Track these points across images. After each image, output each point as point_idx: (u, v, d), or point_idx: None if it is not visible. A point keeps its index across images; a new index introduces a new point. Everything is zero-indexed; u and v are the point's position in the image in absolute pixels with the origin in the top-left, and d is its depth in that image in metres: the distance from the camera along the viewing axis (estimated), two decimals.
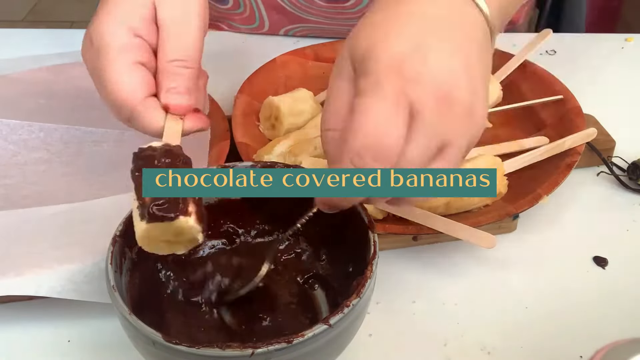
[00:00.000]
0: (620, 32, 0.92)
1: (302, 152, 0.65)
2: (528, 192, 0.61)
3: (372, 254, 0.47)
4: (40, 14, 2.57)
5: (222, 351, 0.41)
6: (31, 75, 0.79)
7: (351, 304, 0.44)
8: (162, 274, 0.54)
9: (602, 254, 0.61)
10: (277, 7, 0.88)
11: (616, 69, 0.84)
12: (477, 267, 0.60)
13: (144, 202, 0.45)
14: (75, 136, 0.70)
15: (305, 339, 0.42)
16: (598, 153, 0.68)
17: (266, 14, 0.90)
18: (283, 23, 0.90)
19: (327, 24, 0.89)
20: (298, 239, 0.57)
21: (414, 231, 0.59)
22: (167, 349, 0.42)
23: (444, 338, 0.54)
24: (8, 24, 2.39)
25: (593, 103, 0.72)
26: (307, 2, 0.86)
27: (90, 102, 0.76)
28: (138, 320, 0.43)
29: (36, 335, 0.55)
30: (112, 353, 0.53)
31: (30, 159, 0.68)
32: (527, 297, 0.57)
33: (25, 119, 0.71)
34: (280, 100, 0.70)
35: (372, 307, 0.56)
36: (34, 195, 0.64)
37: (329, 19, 0.88)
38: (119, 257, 0.48)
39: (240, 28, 0.93)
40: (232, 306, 0.53)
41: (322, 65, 0.80)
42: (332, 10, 0.87)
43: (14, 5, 2.60)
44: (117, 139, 0.71)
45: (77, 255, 0.54)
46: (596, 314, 0.56)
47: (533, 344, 0.53)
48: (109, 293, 0.45)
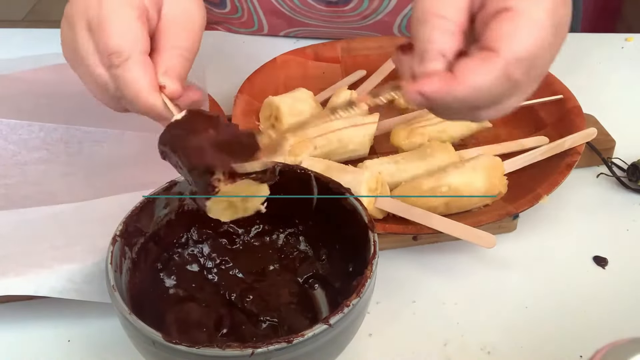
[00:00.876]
0: (621, 32, 0.92)
1: (302, 151, 0.65)
2: (528, 192, 0.61)
3: (372, 253, 0.47)
4: (40, 13, 2.57)
5: (222, 351, 0.41)
6: (31, 75, 0.79)
7: (351, 303, 0.44)
8: (162, 274, 0.54)
9: (602, 253, 0.61)
10: (276, 11, 0.88)
11: (616, 68, 0.84)
12: (477, 267, 0.60)
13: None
14: (75, 136, 0.70)
15: (305, 338, 0.42)
16: (598, 153, 0.68)
17: (265, 18, 0.90)
18: (282, 27, 0.90)
19: (326, 27, 0.89)
20: (298, 238, 0.57)
21: (414, 231, 0.59)
22: (167, 348, 0.42)
23: (444, 338, 0.54)
24: (8, 24, 2.39)
25: (593, 103, 0.72)
26: (306, 6, 0.86)
27: (90, 102, 0.76)
28: (138, 320, 0.43)
29: (36, 335, 0.55)
30: (112, 353, 0.53)
31: (30, 158, 0.68)
32: (527, 297, 0.57)
33: (25, 118, 0.71)
34: (281, 100, 0.70)
35: (372, 306, 0.56)
36: (34, 195, 0.64)
37: (328, 22, 0.88)
38: (119, 257, 0.48)
39: (239, 31, 0.93)
40: (232, 306, 0.54)
41: (322, 65, 0.80)
42: (332, 14, 0.87)
43: (14, 5, 2.60)
44: (117, 139, 0.71)
45: (77, 255, 0.54)
46: (596, 314, 0.56)
47: (533, 344, 0.54)
48: (109, 293, 0.45)
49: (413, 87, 0.42)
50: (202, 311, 0.53)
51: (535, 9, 0.42)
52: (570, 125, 0.68)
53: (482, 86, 0.42)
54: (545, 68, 0.45)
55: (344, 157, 0.67)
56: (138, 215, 0.51)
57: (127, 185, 0.61)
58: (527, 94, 0.46)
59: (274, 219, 0.56)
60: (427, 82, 0.42)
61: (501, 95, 0.44)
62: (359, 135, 0.67)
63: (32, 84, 0.78)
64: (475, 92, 0.42)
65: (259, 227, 0.57)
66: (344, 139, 0.67)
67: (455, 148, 0.66)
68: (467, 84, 0.41)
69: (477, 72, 0.42)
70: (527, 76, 0.43)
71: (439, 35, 0.43)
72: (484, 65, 0.42)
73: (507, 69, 0.42)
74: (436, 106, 0.43)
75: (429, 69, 0.43)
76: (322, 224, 0.54)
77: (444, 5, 0.43)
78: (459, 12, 0.43)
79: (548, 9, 0.43)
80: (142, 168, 0.65)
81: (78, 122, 0.72)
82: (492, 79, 0.42)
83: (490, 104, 0.44)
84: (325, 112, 0.65)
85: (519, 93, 0.45)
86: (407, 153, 0.65)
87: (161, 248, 0.54)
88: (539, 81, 0.46)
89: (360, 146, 0.68)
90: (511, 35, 0.42)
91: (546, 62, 0.45)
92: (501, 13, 0.42)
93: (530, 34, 0.42)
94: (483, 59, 0.42)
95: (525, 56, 0.42)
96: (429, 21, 0.43)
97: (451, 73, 0.42)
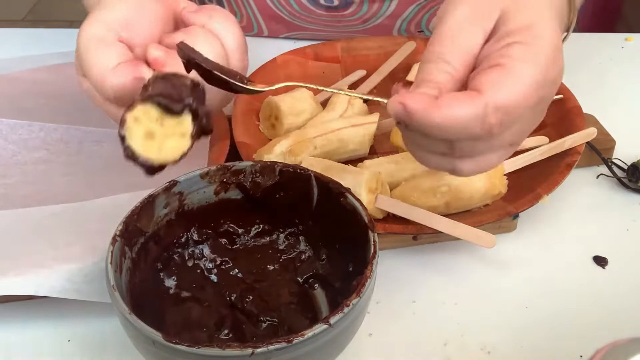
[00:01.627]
0: (621, 31, 0.92)
1: (302, 151, 0.65)
2: (528, 192, 0.61)
3: (372, 253, 0.47)
4: (40, 13, 2.57)
5: (222, 351, 0.41)
6: (31, 74, 0.79)
7: (351, 303, 0.44)
8: (162, 274, 0.54)
9: (602, 253, 0.61)
10: (276, 17, 0.88)
11: (616, 68, 0.84)
12: (477, 266, 0.60)
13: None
14: (75, 136, 0.70)
15: (305, 338, 0.42)
16: (598, 153, 0.68)
17: (264, 23, 0.90)
18: (281, 31, 0.90)
19: (326, 32, 0.89)
20: (298, 238, 0.57)
21: (414, 231, 0.59)
22: (166, 348, 0.42)
23: (444, 337, 0.54)
24: (8, 24, 2.39)
25: (593, 103, 0.72)
26: (306, 11, 0.86)
27: (90, 101, 0.76)
28: (138, 320, 0.43)
29: (36, 335, 0.55)
30: (112, 353, 0.53)
31: (30, 158, 0.68)
32: (527, 297, 0.57)
33: (25, 118, 0.71)
34: (281, 99, 0.70)
35: (372, 306, 0.56)
36: (34, 195, 0.64)
37: (328, 27, 0.88)
38: (119, 256, 0.48)
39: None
40: (232, 306, 0.54)
41: (322, 65, 0.80)
42: (332, 19, 0.87)
43: (14, 5, 2.60)
44: (117, 138, 0.70)
45: (77, 254, 0.54)
46: (596, 314, 0.56)
47: (533, 344, 0.54)
48: (109, 293, 0.45)
49: (397, 97, 0.44)
50: (202, 311, 0.53)
51: (526, 68, 0.44)
52: (570, 125, 0.68)
53: (459, 118, 0.43)
54: (526, 126, 0.47)
55: (344, 156, 0.68)
56: (138, 215, 0.51)
57: (127, 185, 0.61)
58: (504, 150, 0.47)
59: (274, 218, 0.56)
60: (412, 96, 0.43)
61: (477, 139, 0.44)
62: (359, 135, 0.67)
63: (32, 83, 0.78)
64: (451, 122, 0.43)
65: (259, 227, 0.57)
66: (344, 139, 0.67)
67: None
68: (445, 111, 0.43)
69: (458, 103, 0.43)
70: (502, 127, 0.44)
71: (438, 73, 0.45)
72: (466, 99, 0.43)
73: (486, 110, 0.43)
74: (412, 125, 0.44)
75: (420, 90, 0.45)
76: (322, 224, 0.54)
77: (452, 54, 0.46)
78: (463, 65, 0.46)
79: (537, 71, 0.44)
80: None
81: (78, 122, 0.72)
82: (469, 114, 0.43)
83: (467, 150, 0.45)
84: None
85: (496, 145, 0.46)
86: (407, 153, 0.65)
87: (161, 248, 0.54)
88: (517, 139, 0.47)
89: (360, 146, 0.68)
90: (496, 83, 0.43)
91: (526, 120, 0.46)
92: (493, 67, 0.44)
93: (514, 86, 0.43)
94: (466, 94, 0.44)
95: (504, 105, 0.43)
96: (434, 62, 0.46)
97: (436, 99, 0.44)
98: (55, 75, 0.79)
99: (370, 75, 0.78)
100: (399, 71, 0.79)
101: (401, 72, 0.79)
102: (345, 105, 0.71)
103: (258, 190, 0.55)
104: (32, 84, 0.78)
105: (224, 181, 0.55)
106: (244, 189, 0.55)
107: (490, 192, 0.61)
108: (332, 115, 0.70)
